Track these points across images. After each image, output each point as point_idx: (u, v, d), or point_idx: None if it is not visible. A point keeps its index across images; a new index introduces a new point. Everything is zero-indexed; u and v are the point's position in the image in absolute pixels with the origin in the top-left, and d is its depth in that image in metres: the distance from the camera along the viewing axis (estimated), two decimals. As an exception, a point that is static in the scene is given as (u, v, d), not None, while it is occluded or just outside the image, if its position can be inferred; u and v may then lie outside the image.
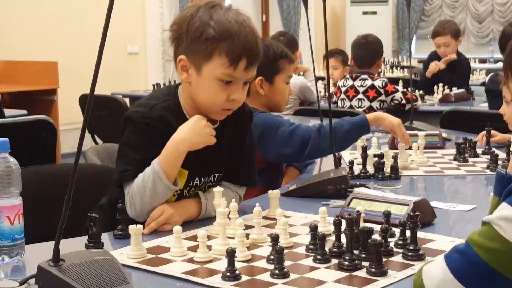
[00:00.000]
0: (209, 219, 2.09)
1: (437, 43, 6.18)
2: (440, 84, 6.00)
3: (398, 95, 5.08)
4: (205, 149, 2.08)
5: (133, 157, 2.07)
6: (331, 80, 6.16)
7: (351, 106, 5.13)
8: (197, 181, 2.17)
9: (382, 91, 5.06)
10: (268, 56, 2.90)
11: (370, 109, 5.04)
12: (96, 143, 6.29)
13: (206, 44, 2.03)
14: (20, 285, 1.55)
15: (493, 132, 3.35)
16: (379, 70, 7.94)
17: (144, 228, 1.88)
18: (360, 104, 5.11)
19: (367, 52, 5.22)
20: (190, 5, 2.12)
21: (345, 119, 2.83)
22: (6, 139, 1.69)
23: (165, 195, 2.04)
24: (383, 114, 2.97)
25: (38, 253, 1.68)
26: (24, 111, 5.35)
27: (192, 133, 2.03)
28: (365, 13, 12.99)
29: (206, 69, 2.06)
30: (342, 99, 5.24)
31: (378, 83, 5.09)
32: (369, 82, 5.11)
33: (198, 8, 2.07)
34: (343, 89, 5.25)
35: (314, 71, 3.58)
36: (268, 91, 2.94)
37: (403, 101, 5.06)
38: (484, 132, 3.43)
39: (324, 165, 3.00)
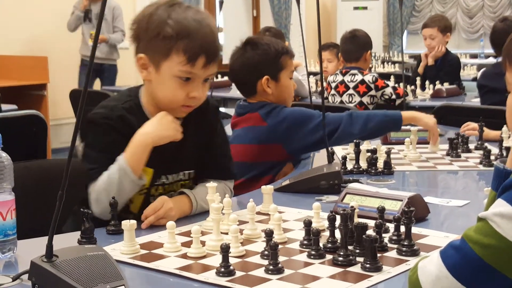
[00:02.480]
0: (203, 215, 2.08)
1: (424, 34, 6.22)
2: (427, 82, 6.01)
3: (388, 90, 5.08)
4: (169, 146, 2.09)
5: (97, 156, 2.09)
6: (325, 73, 6.16)
7: (341, 102, 5.13)
8: (164, 179, 2.18)
9: (372, 86, 5.06)
10: (270, 54, 2.91)
11: (361, 104, 5.05)
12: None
13: (164, 43, 2.05)
14: (12, 281, 1.54)
15: (474, 126, 3.36)
16: (370, 66, 7.95)
17: (140, 223, 1.87)
18: (350, 99, 5.11)
19: (354, 46, 5.23)
20: (151, 4, 2.13)
21: (382, 110, 2.93)
22: (-1, 134, 1.68)
23: (131, 190, 2.05)
24: (419, 114, 2.98)
25: (31, 249, 1.67)
26: (14, 106, 5.33)
27: (158, 127, 2.06)
28: (356, 8, 13.00)
29: (165, 67, 2.08)
30: (333, 95, 5.24)
31: (368, 78, 5.09)
32: (359, 77, 5.11)
33: (157, 7, 2.09)
34: (333, 85, 5.25)
35: (306, 66, 3.57)
36: (275, 89, 2.94)
37: (393, 96, 5.06)
38: (466, 123, 3.45)
39: (317, 160, 3.00)
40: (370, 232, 1.70)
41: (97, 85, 8.30)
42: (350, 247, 1.67)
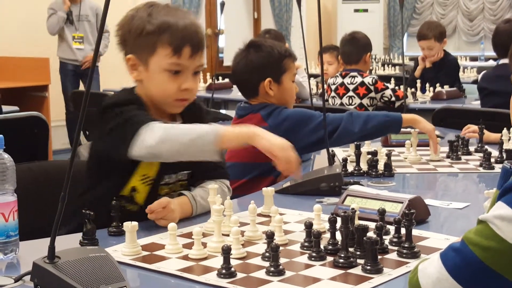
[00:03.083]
0: (204, 217, 2.09)
1: (421, 45, 6.20)
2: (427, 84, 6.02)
3: (388, 92, 5.09)
4: None
5: (131, 115, 2.04)
6: (325, 75, 6.17)
7: (341, 104, 5.14)
8: (167, 178, 2.19)
9: (372, 88, 5.07)
10: (274, 56, 2.94)
11: (361, 106, 5.06)
12: (88, 139, 6.27)
13: (148, 39, 2.11)
14: (15, 282, 1.55)
15: (474, 128, 3.36)
16: (370, 68, 7.95)
17: (138, 226, 1.87)
18: (350, 101, 5.12)
19: (354, 48, 5.24)
20: (131, 9, 2.20)
21: (382, 111, 2.95)
22: (1, 135, 1.68)
23: (194, 152, 1.98)
24: (419, 117, 2.97)
25: (33, 250, 1.68)
26: (16, 108, 5.34)
27: (274, 137, 2.00)
28: (356, 10, 13.01)
29: (153, 62, 2.13)
30: (333, 97, 5.25)
31: (368, 80, 5.10)
32: (359, 79, 5.12)
33: (137, 10, 2.17)
34: (333, 87, 5.26)
35: (306, 68, 3.58)
36: (277, 92, 2.96)
37: (393, 98, 5.07)
38: (467, 126, 3.46)
39: (318, 162, 3.00)
40: (371, 234, 1.71)
41: (80, 88, 8.23)
42: (350, 249, 1.68)
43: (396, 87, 5.31)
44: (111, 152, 2.06)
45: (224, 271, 1.58)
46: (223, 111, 5.10)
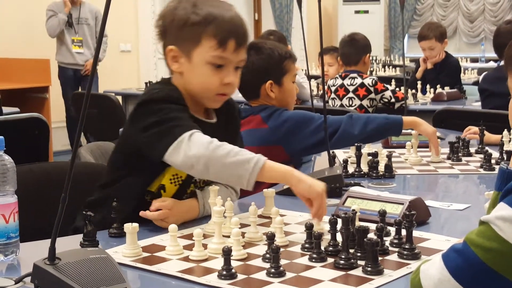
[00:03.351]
0: (205, 218, 2.09)
1: (422, 46, 6.21)
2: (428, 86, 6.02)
3: (388, 93, 5.09)
4: None
5: (174, 116, 2.00)
6: (325, 77, 6.17)
7: (341, 105, 5.15)
8: (194, 178, 2.16)
9: (372, 89, 5.08)
10: (274, 58, 2.94)
11: (361, 107, 5.06)
12: (88, 140, 6.28)
13: (193, 30, 2.05)
14: (15, 284, 1.54)
15: (475, 130, 3.36)
16: (371, 69, 7.95)
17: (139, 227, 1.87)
18: (350, 103, 5.12)
19: (353, 49, 5.25)
20: (171, 1, 2.14)
21: (383, 114, 2.94)
22: (1, 137, 1.68)
23: (228, 175, 1.94)
24: (420, 120, 2.97)
25: (33, 251, 1.68)
26: (17, 109, 5.35)
27: (314, 182, 1.93)
28: (357, 12, 13.03)
29: (196, 54, 2.07)
30: (333, 99, 5.26)
31: (368, 81, 5.11)
32: (358, 80, 5.13)
33: (180, 1, 2.11)
34: (333, 89, 5.26)
35: (307, 70, 3.58)
36: (278, 93, 2.96)
37: (392, 100, 5.07)
38: (468, 128, 3.46)
39: (319, 163, 3.00)
40: (371, 235, 1.71)
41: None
42: (351, 251, 1.68)
43: (397, 89, 5.31)
44: (144, 148, 2.03)
45: (224, 272, 1.58)
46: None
